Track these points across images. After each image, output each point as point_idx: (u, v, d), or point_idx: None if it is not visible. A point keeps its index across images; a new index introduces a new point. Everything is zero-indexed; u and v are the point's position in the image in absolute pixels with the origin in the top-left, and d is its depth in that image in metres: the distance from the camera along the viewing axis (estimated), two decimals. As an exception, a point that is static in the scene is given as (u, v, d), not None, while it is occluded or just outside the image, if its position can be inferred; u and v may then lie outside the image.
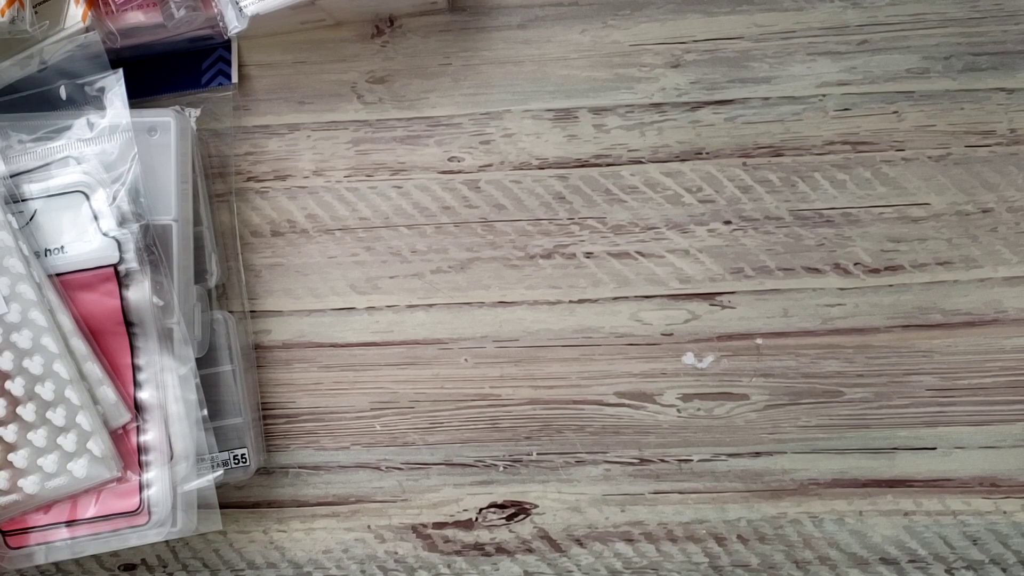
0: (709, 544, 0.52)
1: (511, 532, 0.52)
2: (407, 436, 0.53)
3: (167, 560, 0.54)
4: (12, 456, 0.47)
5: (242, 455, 0.51)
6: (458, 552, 0.53)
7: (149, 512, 0.48)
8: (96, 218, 0.48)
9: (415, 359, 0.53)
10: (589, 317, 0.53)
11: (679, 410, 0.52)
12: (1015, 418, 0.51)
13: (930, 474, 0.51)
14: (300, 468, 0.53)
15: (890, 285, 0.51)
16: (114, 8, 0.51)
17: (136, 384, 0.48)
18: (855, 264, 0.52)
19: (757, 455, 0.52)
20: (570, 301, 0.53)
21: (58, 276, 0.48)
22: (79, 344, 0.47)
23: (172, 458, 0.48)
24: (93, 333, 0.48)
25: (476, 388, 0.53)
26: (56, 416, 0.47)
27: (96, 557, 0.53)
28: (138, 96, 0.52)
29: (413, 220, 0.54)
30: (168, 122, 0.50)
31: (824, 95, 0.52)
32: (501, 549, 0.52)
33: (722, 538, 0.52)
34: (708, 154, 0.53)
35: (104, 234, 0.48)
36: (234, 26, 0.50)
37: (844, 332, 0.51)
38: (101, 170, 0.49)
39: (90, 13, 0.50)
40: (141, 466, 0.48)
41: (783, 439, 0.51)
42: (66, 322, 0.47)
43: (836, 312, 0.52)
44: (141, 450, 0.48)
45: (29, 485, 0.47)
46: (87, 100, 0.50)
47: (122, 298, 0.48)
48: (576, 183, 0.53)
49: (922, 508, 0.51)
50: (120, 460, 0.48)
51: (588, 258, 0.53)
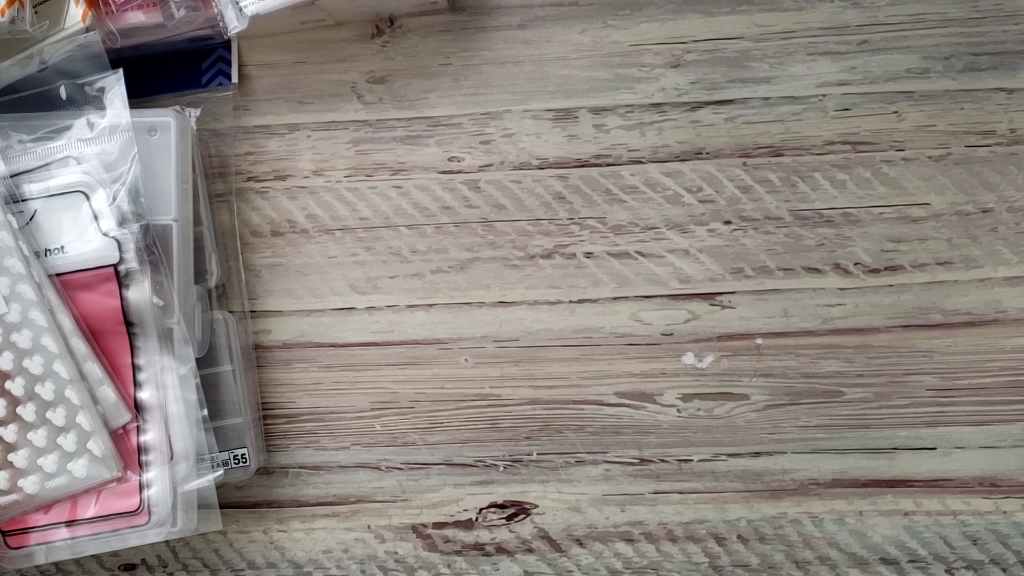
0: (709, 544, 0.52)
1: (511, 532, 0.52)
2: (407, 436, 0.53)
3: (167, 560, 0.54)
4: (12, 456, 0.47)
5: (242, 455, 0.51)
6: (458, 552, 0.53)
7: (149, 512, 0.48)
8: (96, 218, 0.48)
9: (415, 359, 0.53)
10: (589, 317, 0.52)
11: (679, 410, 0.52)
12: (1015, 418, 0.51)
13: (930, 474, 0.51)
14: (300, 468, 0.53)
15: (890, 285, 0.51)
16: (114, 8, 0.51)
17: (136, 384, 0.48)
18: (855, 264, 0.52)
19: (757, 455, 0.52)
20: (570, 301, 0.53)
21: (58, 276, 0.48)
22: (79, 344, 0.47)
23: (172, 458, 0.48)
24: (93, 333, 0.48)
25: (476, 388, 0.53)
26: (56, 416, 0.47)
27: (96, 557, 0.53)
28: (138, 96, 0.52)
29: (413, 220, 0.54)
30: (168, 122, 0.50)
31: (824, 95, 0.52)
32: (501, 549, 0.52)
33: (722, 538, 0.52)
34: (708, 154, 0.53)
35: (104, 234, 0.48)
36: (234, 26, 0.50)
37: (844, 332, 0.51)
38: (101, 170, 0.49)
39: (90, 13, 0.50)
40: (141, 466, 0.48)
41: (783, 439, 0.51)
42: (66, 322, 0.47)
43: (836, 312, 0.52)
44: (141, 450, 0.48)
45: (29, 485, 0.47)
46: (87, 100, 0.50)
47: (122, 298, 0.48)
48: (576, 183, 0.53)
49: (922, 508, 0.51)
50: (120, 460, 0.48)
51: (588, 258, 0.53)
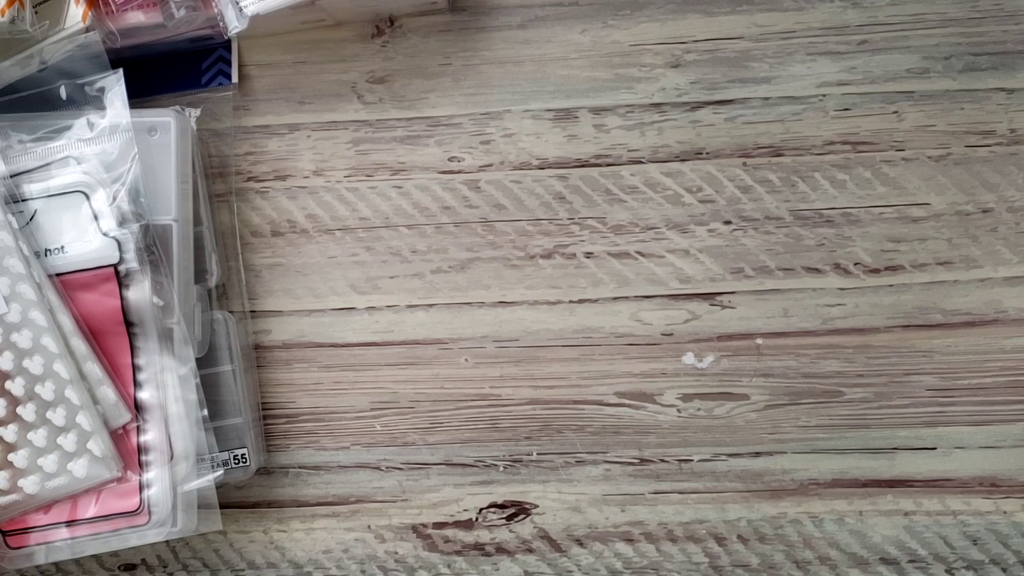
0: (709, 544, 0.52)
1: (511, 532, 0.52)
2: (407, 436, 0.53)
3: (167, 560, 0.54)
4: (12, 456, 0.47)
5: (242, 455, 0.51)
6: (458, 552, 0.53)
7: (149, 512, 0.48)
8: (96, 218, 0.48)
9: (415, 359, 0.53)
10: (589, 317, 0.52)
11: (679, 410, 0.52)
12: (1015, 418, 0.51)
13: (930, 474, 0.51)
14: (300, 468, 0.53)
15: (890, 285, 0.51)
16: (114, 8, 0.51)
17: (136, 384, 0.48)
18: (855, 264, 0.52)
19: (757, 455, 0.52)
20: (570, 301, 0.53)
21: (58, 276, 0.48)
22: (79, 344, 0.47)
23: (172, 458, 0.48)
24: (93, 333, 0.48)
25: (476, 388, 0.53)
26: (56, 416, 0.47)
27: (96, 557, 0.53)
28: (138, 96, 0.52)
29: (413, 220, 0.54)
30: (168, 122, 0.50)
31: (824, 95, 0.52)
32: (501, 549, 0.52)
33: (722, 538, 0.52)
34: (708, 154, 0.53)
35: (104, 234, 0.48)
36: (234, 26, 0.50)
37: (844, 332, 0.51)
38: (101, 170, 0.49)
39: (90, 13, 0.50)
40: (141, 466, 0.48)
41: (783, 439, 0.51)
42: (66, 322, 0.47)
43: (836, 312, 0.52)
44: (141, 450, 0.48)
45: (29, 485, 0.47)
46: (87, 100, 0.50)
47: (122, 298, 0.48)
48: (576, 183, 0.53)
49: (922, 508, 0.51)
50: (120, 460, 0.48)
51: (588, 258, 0.53)
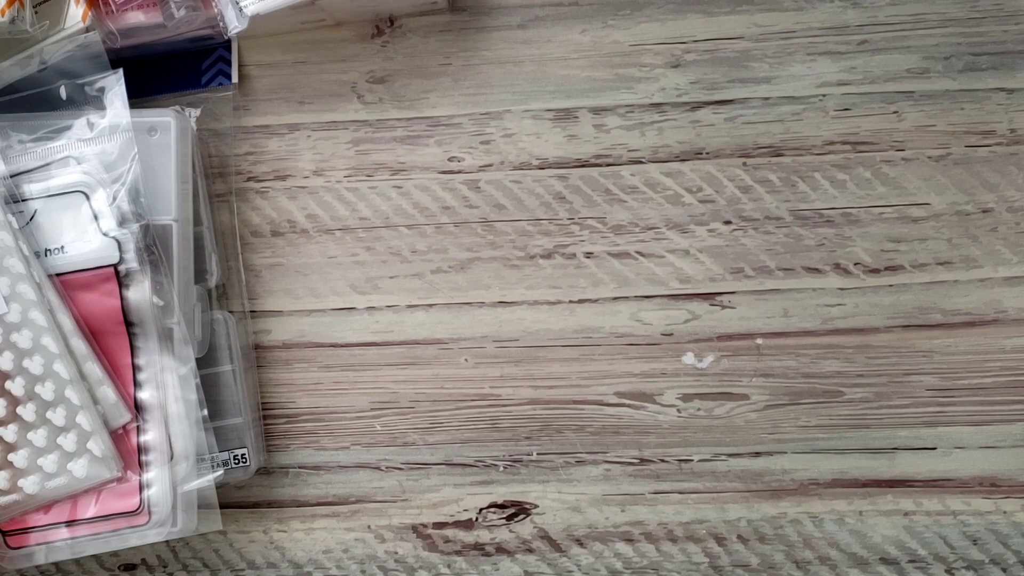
0: (709, 544, 0.52)
1: (511, 532, 0.52)
2: (407, 436, 0.53)
3: (167, 560, 0.54)
4: (12, 456, 0.47)
5: (242, 455, 0.51)
6: (458, 552, 0.53)
7: (149, 512, 0.48)
8: (96, 218, 0.48)
9: (415, 359, 0.53)
10: (589, 317, 0.52)
11: (679, 410, 0.52)
12: (1015, 418, 0.51)
13: (930, 474, 0.51)
14: (300, 468, 0.53)
15: (890, 285, 0.51)
16: (114, 8, 0.51)
17: (136, 384, 0.48)
18: (855, 264, 0.52)
19: (757, 455, 0.52)
20: (570, 301, 0.53)
21: (58, 276, 0.48)
22: (79, 344, 0.47)
23: (172, 458, 0.48)
24: (93, 333, 0.48)
25: (476, 388, 0.53)
26: (56, 416, 0.47)
27: (96, 557, 0.53)
28: (138, 96, 0.52)
29: (413, 220, 0.54)
30: (168, 122, 0.50)
31: (824, 95, 0.52)
32: (501, 549, 0.52)
33: (722, 538, 0.52)
34: (708, 154, 0.53)
35: (104, 234, 0.48)
36: (234, 26, 0.50)
37: (844, 332, 0.51)
38: (101, 170, 0.49)
39: (90, 13, 0.50)
40: (141, 466, 0.48)
41: (783, 439, 0.51)
42: (66, 322, 0.47)
43: (836, 312, 0.52)
44: (141, 450, 0.48)
45: (29, 485, 0.47)
46: (87, 100, 0.50)
47: (122, 298, 0.48)
48: (576, 183, 0.53)
49: (922, 508, 0.51)
50: (120, 460, 0.48)
51: (588, 258, 0.53)
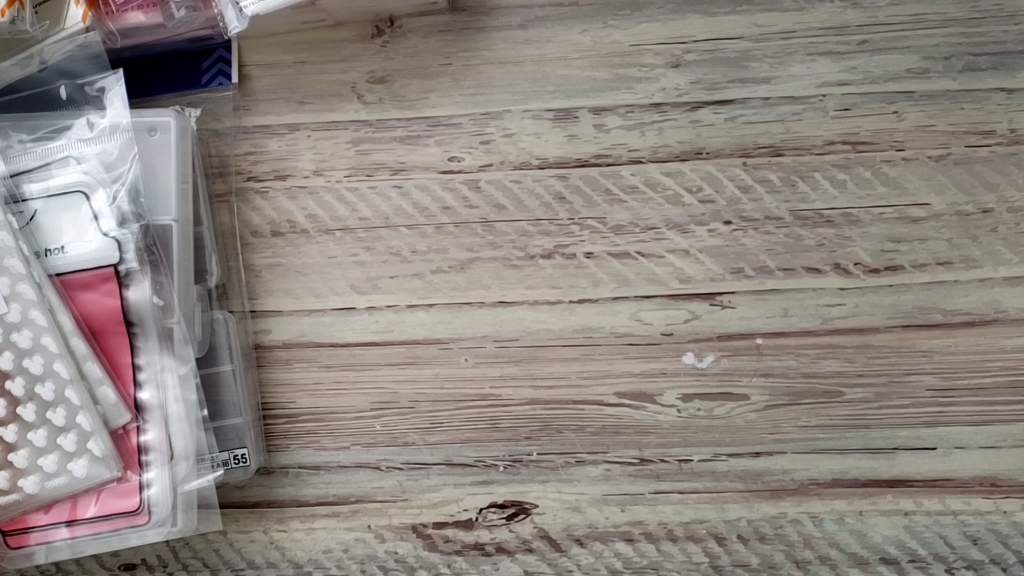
0: (709, 544, 0.52)
1: (511, 532, 0.52)
2: (407, 436, 0.53)
3: (167, 560, 0.54)
4: (12, 456, 0.47)
5: (242, 455, 0.51)
6: (458, 552, 0.53)
7: (149, 512, 0.48)
8: (96, 218, 0.48)
9: (415, 359, 0.53)
10: (589, 317, 0.52)
11: (679, 410, 0.52)
12: (1015, 418, 0.51)
13: (930, 474, 0.51)
14: (300, 468, 0.53)
15: (890, 285, 0.51)
16: (114, 8, 0.51)
17: (136, 384, 0.48)
18: (855, 264, 0.52)
19: (757, 455, 0.52)
20: (570, 301, 0.53)
21: (58, 276, 0.48)
22: (79, 344, 0.47)
23: (172, 458, 0.48)
24: (93, 333, 0.48)
25: (476, 388, 0.53)
26: (56, 416, 0.47)
27: (96, 557, 0.53)
28: (138, 96, 0.52)
29: (413, 220, 0.54)
30: (168, 122, 0.50)
31: (824, 95, 0.52)
32: (501, 549, 0.52)
33: (722, 538, 0.52)
34: (708, 154, 0.53)
35: (104, 234, 0.48)
36: (234, 26, 0.50)
37: (844, 332, 0.51)
38: (101, 170, 0.49)
39: (90, 13, 0.50)
40: (141, 466, 0.48)
41: (783, 439, 0.51)
42: (66, 322, 0.47)
43: (836, 312, 0.52)
44: (141, 450, 0.48)
45: (29, 485, 0.47)
46: (87, 100, 0.50)
47: (122, 298, 0.48)
48: (576, 183, 0.53)
49: (922, 508, 0.51)
50: (120, 460, 0.48)
51: (588, 258, 0.53)
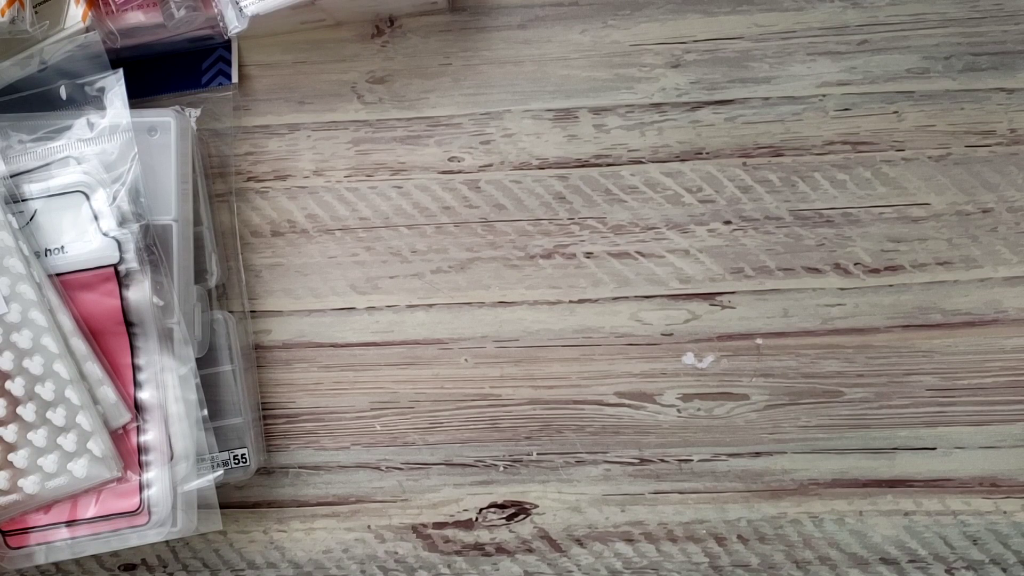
0: (709, 544, 0.52)
1: (511, 532, 0.52)
2: (407, 436, 0.53)
3: (167, 560, 0.54)
4: (12, 456, 0.47)
5: (242, 455, 0.51)
6: (458, 552, 0.53)
7: (149, 512, 0.48)
8: (96, 218, 0.48)
9: (415, 359, 0.53)
10: (589, 317, 0.52)
11: (679, 410, 0.52)
12: (1015, 418, 0.51)
13: (930, 474, 0.51)
14: (300, 468, 0.53)
15: (890, 285, 0.51)
16: (114, 8, 0.51)
17: (136, 384, 0.48)
18: (855, 264, 0.52)
19: (757, 455, 0.52)
20: (570, 301, 0.53)
21: (58, 276, 0.48)
22: (79, 344, 0.47)
23: (172, 458, 0.48)
24: (93, 333, 0.48)
25: (476, 388, 0.53)
26: (56, 416, 0.47)
27: (96, 557, 0.53)
28: (138, 96, 0.52)
29: (413, 220, 0.54)
30: (168, 122, 0.50)
31: (824, 95, 0.52)
32: (501, 549, 0.52)
33: (722, 538, 0.52)
34: (708, 154, 0.53)
35: (104, 234, 0.48)
36: (234, 26, 0.50)
37: (844, 332, 0.51)
38: (101, 170, 0.49)
39: (90, 13, 0.50)
40: (141, 466, 0.48)
41: (783, 439, 0.51)
42: (66, 322, 0.47)
43: (836, 312, 0.52)
44: (141, 450, 0.48)
45: (29, 485, 0.47)
46: (87, 100, 0.50)
47: (122, 298, 0.48)
48: (576, 183, 0.53)
49: (922, 508, 0.51)
50: (120, 460, 0.48)
51: (588, 258, 0.53)
